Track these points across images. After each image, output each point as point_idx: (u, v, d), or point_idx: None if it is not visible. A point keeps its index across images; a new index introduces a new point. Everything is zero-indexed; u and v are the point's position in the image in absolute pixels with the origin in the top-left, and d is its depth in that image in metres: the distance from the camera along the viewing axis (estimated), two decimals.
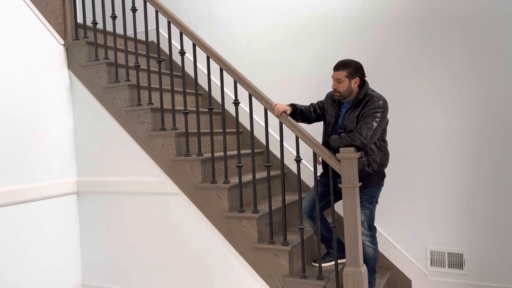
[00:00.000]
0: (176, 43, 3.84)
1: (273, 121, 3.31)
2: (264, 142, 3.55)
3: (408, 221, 3.05)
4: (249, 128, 3.56)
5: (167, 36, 3.79)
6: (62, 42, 3.20)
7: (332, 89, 2.46)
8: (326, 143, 2.52)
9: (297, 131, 2.39)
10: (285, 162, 3.44)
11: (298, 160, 2.41)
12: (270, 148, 3.49)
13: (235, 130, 3.57)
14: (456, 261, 2.90)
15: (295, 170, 3.42)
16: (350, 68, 2.39)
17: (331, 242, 2.64)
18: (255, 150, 3.45)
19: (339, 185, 2.25)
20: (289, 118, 2.44)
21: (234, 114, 3.63)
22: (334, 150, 2.40)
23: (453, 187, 2.91)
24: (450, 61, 2.90)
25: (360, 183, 2.27)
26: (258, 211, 2.58)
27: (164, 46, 3.86)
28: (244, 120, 3.62)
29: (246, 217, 2.57)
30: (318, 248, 2.37)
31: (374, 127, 2.27)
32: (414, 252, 3.03)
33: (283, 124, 2.47)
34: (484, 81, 2.81)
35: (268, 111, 2.51)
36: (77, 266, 3.22)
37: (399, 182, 3.06)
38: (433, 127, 2.96)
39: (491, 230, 2.81)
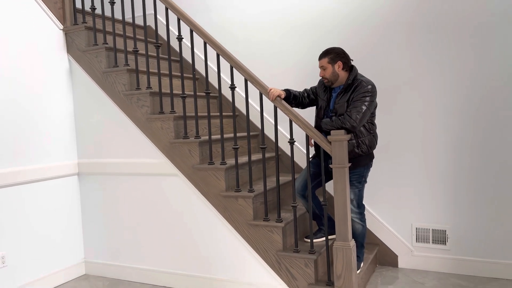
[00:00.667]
0: (173, 29, 3.91)
1: (269, 105, 3.44)
2: (259, 125, 3.68)
3: (395, 200, 3.22)
4: (245, 112, 3.69)
5: (164, 22, 3.87)
6: (61, 27, 3.26)
7: (320, 76, 2.59)
8: (318, 126, 2.65)
9: (291, 115, 2.51)
10: (280, 144, 3.58)
11: (291, 142, 2.54)
12: (266, 131, 3.62)
13: (231, 113, 3.70)
14: (440, 237, 3.08)
15: (289, 152, 3.57)
16: (331, 54, 2.54)
17: (322, 219, 2.80)
18: (251, 133, 3.56)
19: (330, 165, 2.39)
20: (283, 102, 2.56)
21: (230, 98, 3.75)
22: (326, 133, 2.53)
23: (437, 168, 3.07)
24: (438, 50, 3.02)
25: (350, 164, 2.42)
26: (254, 190, 2.72)
27: (162, 31, 3.93)
28: (240, 104, 3.73)
29: (242, 196, 2.71)
30: (310, 224, 2.53)
31: (363, 110, 2.40)
32: (401, 229, 3.21)
33: (278, 108, 2.59)
34: (470, 68, 2.94)
35: (263, 95, 2.63)
36: (79, 244, 3.37)
37: (388, 164, 3.21)
38: (421, 112, 3.10)
39: (472, 208, 2.99)
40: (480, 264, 2.97)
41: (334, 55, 2.53)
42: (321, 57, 2.55)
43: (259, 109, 3.44)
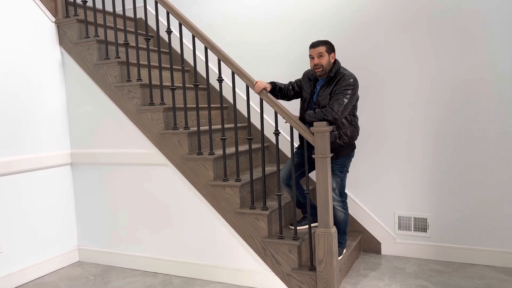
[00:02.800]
0: (164, 21, 3.97)
1: (256, 97, 3.51)
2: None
3: (378, 189, 3.33)
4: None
5: (155, 14, 3.92)
6: (53, 19, 3.32)
7: (312, 67, 2.65)
8: (302, 118, 2.74)
9: (276, 107, 2.60)
10: (267, 135, 3.67)
11: (276, 133, 2.64)
12: (253, 122, 3.70)
13: (219, 105, 3.78)
14: (421, 225, 3.21)
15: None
16: (328, 44, 2.62)
17: (306, 208, 2.90)
18: (239, 125, 3.67)
19: (313, 155, 2.49)
20: (269, 95, 2.65)
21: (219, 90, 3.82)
22: (309, 124, 2.63)
23: (420, 157, 3.18)
24: (423, 43, 3.11)
25: (332, 154, 2.52)
26: (241, 180, 2.82)
27: (152, 23, 3.99)
28: (229, 96, 3.82)
29: (229, 186, 2.81)
30: (294, 212, 2.64)
31: (344, 103, 2.50)
32: (384, 217, 3.33)
33: (263, 100, 2.68)
34: (454, 60, 3.04)
35: (250, 88, 2.71)
36: (73, 231, 3.47)
37: (370, 153, 3.32)
38: (404, 102, 3.20)
39: (451, 197, 3.11)
40: (458, 251, 3.10)
41: (330, 45, 2.63)
42: (318, 44, 2.62)
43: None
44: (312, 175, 3.26)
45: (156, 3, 2.97)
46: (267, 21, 3.65)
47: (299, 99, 2.90)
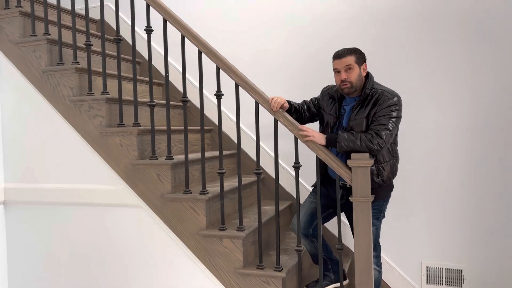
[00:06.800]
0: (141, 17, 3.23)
1: (248, 119, 2.87)
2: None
3: (402, 234, 2.74)
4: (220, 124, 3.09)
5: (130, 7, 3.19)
6: None
7: (338, 83, 2.04)
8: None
9: (296, 131, 1.95)
10: (264, 166, 3.00)
11: (297, 166, 1.97)
12: (245, 149, 3.03)
13: (207, 127, 3.10)
14: (455, 278, 2.63)
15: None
16: (358, 53, 2.01)
17: (328, 264, 2.23)
18: (224, 153, 2.97)
19: (351, 198, 1.85)
20: (286, 115, 2.00)
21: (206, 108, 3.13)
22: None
23: (451, 198, 2.64)
24: (452, 59, 2.62)
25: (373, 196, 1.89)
26: (244, 228, 2.11)
27: (123, 23, 3.24)
28: (215, 116, 3.13)
29: (229, 236, 2.09)
30: (320, 274, 1.96)
31: (391, 128, 1.90)
32: (408, 268, 2.73)
33: (278, 122, 2.02)
34: (488, 78, 2.56)
35: (259, 105, 2.05)
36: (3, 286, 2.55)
37: (394, 192, 2.72)
38: (432, 129, 2.67)
39: (492, 245, 2.57)
40: None
41: (360, 54, 2.01)
42: (345, 54, 1.99)
43: (252, 121, 2.86)
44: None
45: None
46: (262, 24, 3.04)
47: (309, 121, 2.27)
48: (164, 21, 2.20)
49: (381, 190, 2.05)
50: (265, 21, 3.03)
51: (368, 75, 2.07)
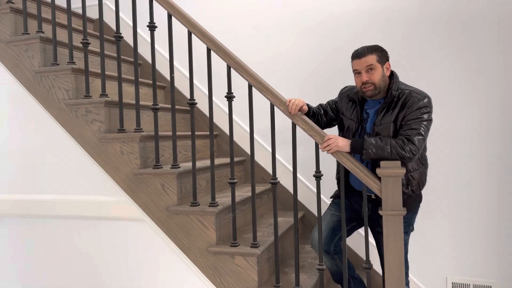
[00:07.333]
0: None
1: (257, 123, 2.68)
2: (246, 149, 2.90)
3: (425, 247, 2.54)
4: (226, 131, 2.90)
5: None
6: None
7: (359, 85, 1.84)
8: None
9: (318, 137, 1.76)
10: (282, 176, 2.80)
11: (318, 176, 1.77)
12: (250, 155, 2.83)
13: (213, 133, 2.90)
14: None
15: (285, 185, 2.80)
16: (380, 51, 1.82)
17: (350, 283, 2.03)
18: (235, 159, 2.77)
19: (381, 211, 1.65)
20: (306, 118, 1.80)
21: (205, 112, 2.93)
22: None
23: (478, 206, 2.44)
24: (482, 63, 2.44)
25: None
26: (258, 244, 1.90)
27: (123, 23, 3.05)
28: (220, 120, 2.94)
29: (241, 253, 1.88)
30: None
31: (423, 133, 1.70)
32: (432, 284, 2.52)
33: (297, 126, 1.82)
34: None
35: (274, 107, 1.85)
36: None
37: None
38: (459, 134, 2.48)
39: None
40: None
41: (382, 52, 1.82)
42: (365, 53, 1.80)
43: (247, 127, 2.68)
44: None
45: None
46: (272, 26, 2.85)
47: (326, 126, 2.07)
48: (169, 16, 2.01)
49: (411, 201, 1.86)
50: (277, 21, 2.84)
51: (392, 74, 1.88)
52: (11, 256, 2.32)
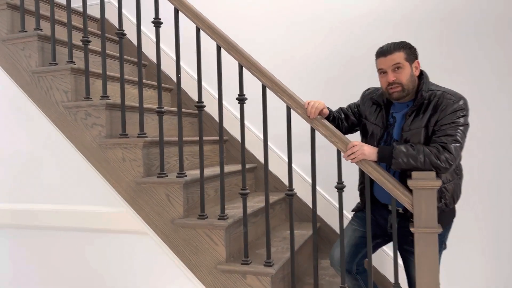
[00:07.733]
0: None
1: (273, 127, 2.50)
2: (257, 155, 2.72)
3: (454, 263, 2.33)
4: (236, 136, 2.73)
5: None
6: None
7: (385, 86, 1.65)
8: None
9: (341, 143, 1.57)
10: (285, 181, 2.62)
11: (340, 187, 1.59)
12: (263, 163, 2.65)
13: (212, 138, 2.73)
14: None
15: (299, 193, 2.62)
16: (408, 48, 1.62)
17: None
18: (239, 167, 2.59)
19: (412, 228, 1.46)
20: (326, 122, 1.62)
21: (213, 115, 2.76)
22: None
23: (509, 219, 2.24)
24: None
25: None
26: (272, 262, 1.72)
27: (125, 20, 2.90)
28: (230, 126, 2.76)
29: (254, 273, 1.69)
30: None
31: (460, 139, 1.51)
32: None
33: (316, 131, 1.64)
34: None
35: (291, 109, 1.67)
36: None
37: None
38: (488, 140, 2.28)
39: None
40: None
41: (411, 49, 1.63)
42: (392, 50, 1.61)
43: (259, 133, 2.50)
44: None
45: None
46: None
47: (347, 132, 1.88)
48: (176, 11, 1.84)
49: (444, 216, 1.66)
50: (300, 21, 2.67)
51: (422, 74, 1.69)
52: (7, 268, 2.16)
